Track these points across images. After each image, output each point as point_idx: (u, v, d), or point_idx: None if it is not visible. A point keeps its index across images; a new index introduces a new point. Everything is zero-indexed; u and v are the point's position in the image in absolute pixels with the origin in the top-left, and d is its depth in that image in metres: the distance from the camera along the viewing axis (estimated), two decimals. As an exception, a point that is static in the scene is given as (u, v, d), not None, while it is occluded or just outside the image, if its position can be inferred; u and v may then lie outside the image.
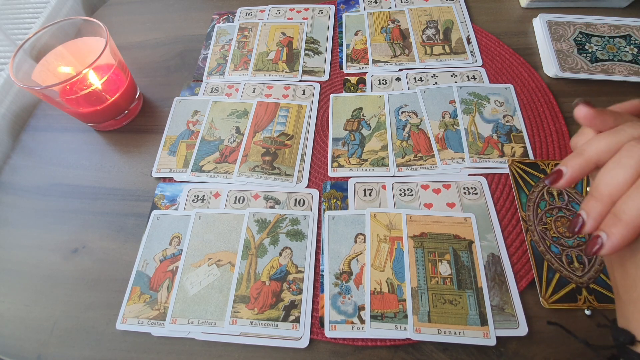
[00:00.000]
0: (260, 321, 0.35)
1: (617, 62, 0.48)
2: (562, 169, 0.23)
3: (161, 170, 0.45)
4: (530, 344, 0.33)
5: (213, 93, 0.51)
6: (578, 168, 0.23)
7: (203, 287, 0.37)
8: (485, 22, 0.55)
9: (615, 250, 0.21)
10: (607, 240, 0.21)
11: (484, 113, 0.46)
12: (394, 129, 0.46)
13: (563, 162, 0.23)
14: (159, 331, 0.36)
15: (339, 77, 0.51)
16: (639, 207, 0.20)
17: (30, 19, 0.58)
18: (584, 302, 0.34)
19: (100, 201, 0.44)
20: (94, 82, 0.43)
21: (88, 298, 0.38)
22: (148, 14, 0.62)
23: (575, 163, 0.23)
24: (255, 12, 0.60)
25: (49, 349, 0.36)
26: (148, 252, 0.40)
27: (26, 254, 0.41)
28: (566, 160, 0.23)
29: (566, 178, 0.23)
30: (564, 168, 0.23)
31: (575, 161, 0.23)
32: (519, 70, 0.49)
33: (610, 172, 0.21)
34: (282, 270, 0.38)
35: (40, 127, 0.51)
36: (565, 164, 0.23)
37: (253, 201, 0.42)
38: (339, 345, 0.35)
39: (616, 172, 0.21)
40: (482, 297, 0.35)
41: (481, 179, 0.41)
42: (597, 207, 0.22)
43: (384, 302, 0.35)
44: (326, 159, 0.44)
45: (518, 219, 0.39)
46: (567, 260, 0.36)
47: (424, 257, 0.37)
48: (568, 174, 0.23)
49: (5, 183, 0.46)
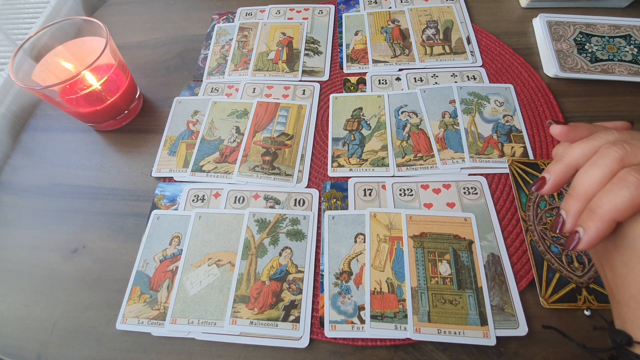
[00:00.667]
0: (260, 321, 0.35)
1: (617, 62, 0.48)
2: (545, 175, 0.25)
3: (161, 170, 0.45)
4: (530, 344, 0.33)
5: (213, 93, 0.51)
6: (560, 173, 0.24)
7: (203, 287, 0.37)
8: (485, 22, 0.55)
9: (592, 243, 0.21)
10: (584, 234, 0.22)
11: (484, 113, 0.46)
12: (394, 129, 0.46)
13: (546, 169, 0.25)
14: (159, 331, 0.36)
15: (339, 77, 0.51)
16: (612, 201, 0.21)
17: (30, 19, 0.58)
18: (583, 302, 0.34)
19: (100, 201, 0.44)
20: (93, 82, 0.43)
21: (88, 298, 0.38)
22: (148, 14, 0.62)
23: (556, 169, 0.24)
24: (255, 12, 0.60)
25: (49, 349, 0.36)
26: (148, 252, 0.40)
27: (26, 254, 0.41)
28: (548, 167, 0.25)
29: (550, 184, 0.24)
30: (547, 175, 0.25)
31: (556, 167, 0.24)
32: (519, 70, 0.49)
33: (586, 173, 0.22)
34: (282, 270, 0.38)
35: (40, 127, 0.51)
36: (548, 171, 0.25)
37: (253, 201, 0.42)
38: (339, 345, 0.35)
39: (592, 172, 0.22)
40: (482, 297, 0.35)
41: (481, 179, 0.41)
42: (575, 205, 0.23)
43: (384, 302, 0.35)
44: (326, 159, 0.44)
45: (518, 219, 0.39)
46: (567, 260, 0.36)
47: (424, 257, 0.37)
48: (551, 179, 0.24)
49: (5, 183, 0.46)
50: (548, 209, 0.39)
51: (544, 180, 0.25)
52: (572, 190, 0.23)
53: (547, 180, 0.24)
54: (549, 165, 0.25)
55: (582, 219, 0.22)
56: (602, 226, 0.21)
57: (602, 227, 0.21)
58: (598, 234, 0.21)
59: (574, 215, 0.23)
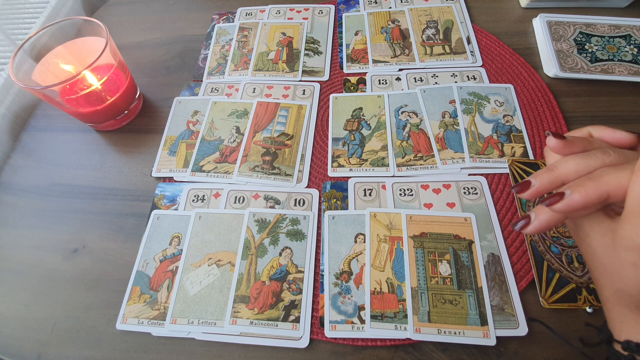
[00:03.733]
0: (260, 321, 0.35)
1: (617, 62, 0.48)
2: (531, 180, 0.24)
3: (161, 170, 0.45)
4: (530, 344, 0.33)
5: (213, 93, 0.51)
6: (546, 183, 0.23)
7: (203, 287, 0.37)
8: (485, 22, 0.55)
9: (576, 206, 0.21)
10: (572, 194, 0.21)
11: (484, 113, 0.46)
12: (394, 129, 0.46)
13: (534, 174, 0.24)
14: (159, 331, 0.36)
15: (339, 77, 0.51)
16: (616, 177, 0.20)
17: (30, 19, 0.58)
18: (583, 302, 0.34)
19: (100, 201, 0.44)
20: (93, 82, 0.43)
21: (88, 298, 0.38)
22: (148, 14, 0.62)
23: (544, 178, 0.23)
24: (255, 12, 0.60)
25: (49, 349, 0.36)
26: (148, 252, 0.40)
27: (26, 254, 0.41)
28: (537, 173, 0.24)
29: (532, 190, 0.24)
30: (533, 180, 0.24)
31: (545, 176, 0.23)
32: (519, 70, 0.49)
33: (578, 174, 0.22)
34: (282, 270, 0.38)
35: (40, 127, 0.51)
36: (535, 177, 0.24)
37: (253, 201, 0.42)
38: (339, 345, 0.35)
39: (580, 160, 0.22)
40: (482, 297, 0.35)
41: (481, 178, 0.41)
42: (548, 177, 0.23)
43: (384, 302, 0.35)
44: (326, 159, 0.44)
45: (518, 219, 0.39)
46: (567, 260, 0.36)
47: (424, 257, 0.37)
48: (535, 186, 0.24)
49: (5, 183, 0.46)
50: (548, 209, 0.39)
51: (528, 185, 0.24)
52: (551, 167, 0.23)
53: (532, 186, 0.24)
54: (538, 172, 0.24)
55: (576, 182, 0.22)
56: (595, 192, 0.21)
57: (594, 194, 0.21)
58: (588, 197, 0.21)
59: (544, 184, 0.23)
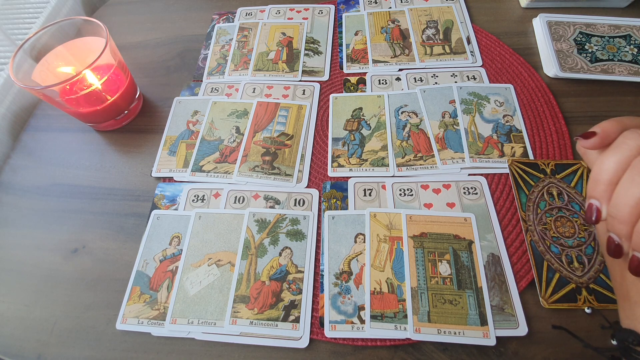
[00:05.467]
0: (260, 321, 0.35)
1: (617, 62, 0.48)
2: (592, 202, 0.23)
3: (161, 170, 0.45)
4: (530, 344, 0.33)
5: (213, 93, 0.51)
6: (605, 197, 0.23)
7: (203, 287, 0.37)
8: (485, 22, 0.55)
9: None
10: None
11: (484, 113, 0.46)
12: (394, 129, 0.46)
13: (590, 195, 0.23)
14: (159, 331, 0.36)
15: (339, 77, 0.51)
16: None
17: (30, 19, 0.58)
18: (583, 302, 0.34)
19: (100, 201, 0.44)
20: (93, 82, 0.43)
21: (88, 298, 0.38)
22: (148, 14, 0.62)
23: (600, 192, 0.23)
24: (255, 12, 0.60)
25: (49, 349, 0.36)
26: (148, 252, 0.40)
27: (26, 254, 0.41)
28: (591, 191, 0.23)
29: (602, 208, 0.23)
30: (595, 202, 0.23)
31: (599, 189, 0.23)
32: (519, 70, 0.49)
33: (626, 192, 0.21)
34: (282, 270, 0.38)
35: (40, 127, 0.51)
36: (593, 196, 0.23)
37: (253, 201, 0.42)
38: (339, 345, 0.35)
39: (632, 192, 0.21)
40: (482, 297, 0.35)
41: (481, 179, 0.41)
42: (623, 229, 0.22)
43: (384, 302, 0.35)
44: (326, 159, 0.44)
45: (518, 219, 0.39)
46: (567, 260, 0.36)
47: (423, 257, 0.37)
48: (603, 206, 0.23)
49: (5, 183, 0.46)
50: (548, 209, 0.39)
51: (591, 207, 0.23)
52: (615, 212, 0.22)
53: (598, 206, 0.23)
54: (589, 189, 0.24)
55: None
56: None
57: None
58: None
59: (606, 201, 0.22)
